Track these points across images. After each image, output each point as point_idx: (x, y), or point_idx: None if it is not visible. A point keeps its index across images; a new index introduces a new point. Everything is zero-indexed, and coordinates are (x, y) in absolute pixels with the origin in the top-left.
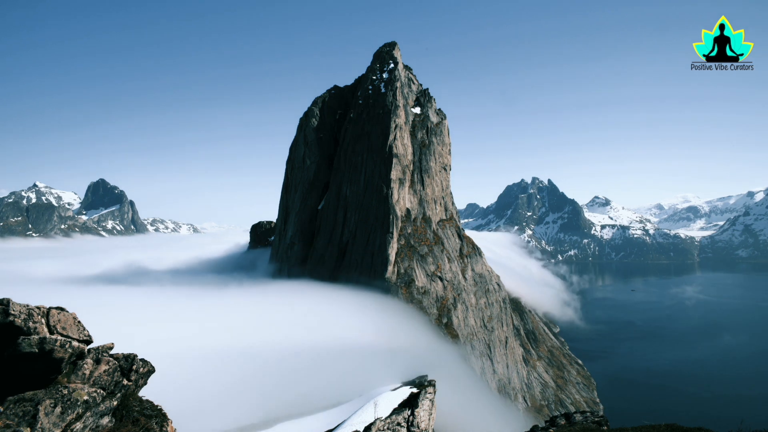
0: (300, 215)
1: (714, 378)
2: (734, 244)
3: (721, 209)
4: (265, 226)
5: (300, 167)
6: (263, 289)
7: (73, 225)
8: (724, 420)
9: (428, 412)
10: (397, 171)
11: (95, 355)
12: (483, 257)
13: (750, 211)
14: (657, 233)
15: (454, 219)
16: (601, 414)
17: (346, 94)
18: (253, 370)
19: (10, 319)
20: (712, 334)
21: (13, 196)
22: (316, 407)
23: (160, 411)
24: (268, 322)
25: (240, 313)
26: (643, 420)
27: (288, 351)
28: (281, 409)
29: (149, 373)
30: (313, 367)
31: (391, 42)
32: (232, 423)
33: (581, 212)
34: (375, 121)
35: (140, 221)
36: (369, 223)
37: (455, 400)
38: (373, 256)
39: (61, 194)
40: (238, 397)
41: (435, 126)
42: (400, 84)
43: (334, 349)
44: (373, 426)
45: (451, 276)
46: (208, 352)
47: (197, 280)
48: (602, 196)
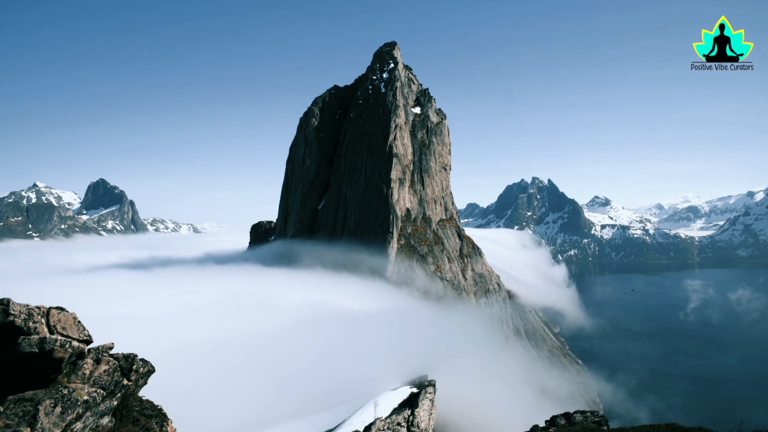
0: (300, 215)
1: (714, 377)
2: (734, 244)
3: (721, 209)
4: (265, 226)
5: (300, 167)
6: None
7: (73, 225)
8: (724, 420)
9: (428, 411)
10: (397, 171)
11: (95, 354)
12: (483, 257)
13: (750, 211)
14: (657, 233)
15: (454, 219)
16: (601, 414)
17: (346, 94)
18: (254, 370)
19: (10, 318)
20: (712, 334)
21: (13, 196)
22: (316, 407)
23: (160, 411)
24: (266, 323)
25: (237, 313)
26: (643, 420)
27: (288, 350)
28: (281, 408)
29: (149, 373)
30: (313, 366)
31: (391, 42)
32: (232, 423)
33: (581, 212)
34: (375, 121)
35: (140, 221)
36: (369, 223)
37: (457, 399)
38: (373, 256)
39: (61, 194)
40: (238, 397)
41: (435, 126)
42: (400, 84)
43: (334, 348)
44: (373, 426)
45: (451, 276)
46: (208, 352)
47: (197, 275)
48: (602, 196)
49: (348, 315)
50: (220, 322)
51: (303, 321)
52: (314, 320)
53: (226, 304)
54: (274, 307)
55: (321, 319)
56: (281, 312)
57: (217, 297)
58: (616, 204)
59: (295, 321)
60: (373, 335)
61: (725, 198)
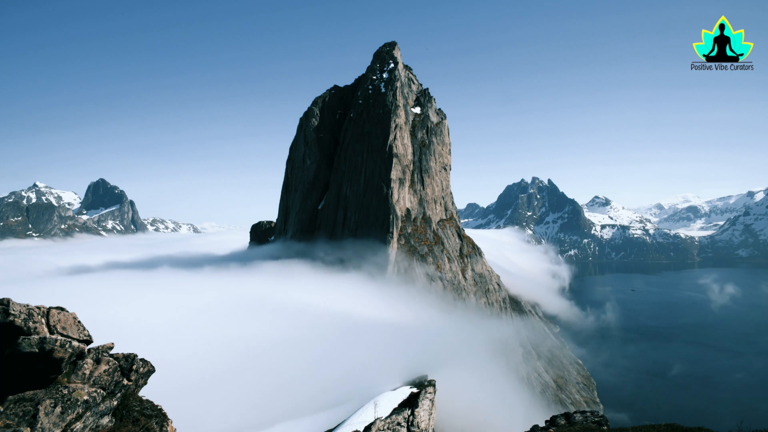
0: (300, 215)
1: (714, 377)
2: (734, 243)
3: (721, 209)
4: (265, 226)
5: (300, 167)
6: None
7: (73, 225)
8: (724, 420)
9: (428, 411)
10: (397, 171)
11: (95, 354)
12: (483, 257)
13: (750, 211)
14: (657, 233)
15: (454, 219)
16: (601, 414)
17: (346, 94)
18: (253, 370)
19: (10, 318)
20: (712, 333)
21: (13, 196)
22: (316, 407)
23: (160, 411)
24: (267, 322)
25: (238, 313)
26: (643, 420)
27: (288, 351)
28: (281, 408)
29: (149, 373)
30: (313, 366)
31: (391, 42)
32: (232, 422)
33: (581, 212)
34: (375, 121)
35: (140, 221)
36: (369, 223)
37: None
38: (373, 256)
39: (61, 194)
40: (238, 397)
41: (435, 126)
42: (400, 84)
43: (334, 348)
44: (373, 426)
45: (451, 276)
46: (208, 352)
47: (197, 275)
48: (602, 196)
49: (348, 315)
50: (221, 323)
51: (303, 321)
52: (314, 321)
53: (227, 305)
54: (274, 308)
55: (321, 319)
56: (281, 312)
57: (217, 297)
58: (616, 204)
59: (294, 321)
60: (373, 335)
61: (725, 198)
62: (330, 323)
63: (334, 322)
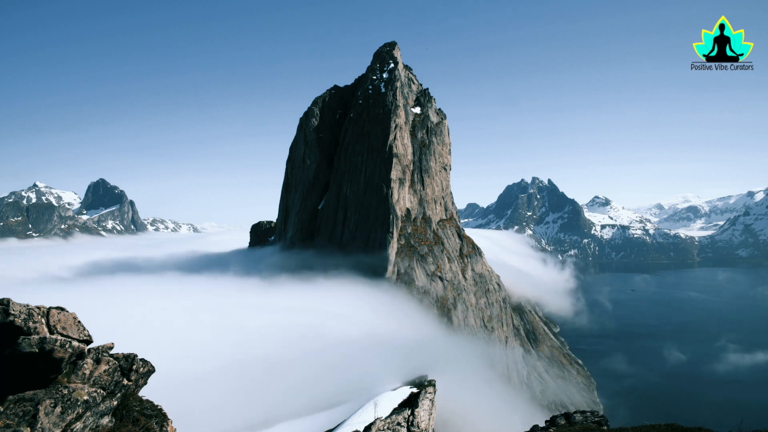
0: (300, 215)
1: (714, 377)
2: (734, 243)
3: (721, 209)
4: (265, 226)
5: (300, 167)
6: (264, 285)
7: (73, 225)
8: (724, 420)
9: (428, 411)
10: (397, 171)
11: (95, 354)
12: (483, 257)
13: (750, 211)
14: (657, 233)
15: (454, 219)
16: (601, 414)
17: (346, 94)
18: (253, 370)
19: (10, 318)
20: (712, 333)
21: (13, 196)
22: (316, 407)
23: (160, 411)
24: (266, 321)
25: (238, 313)
26: (643, 420)
27: (288, 350)
28: (281, 408)
29: (149, 373)
30: (313, 366)
31: (391, 42)
32: (232, 423)
33: (581, 212)
34: (375, 121)
35: (140, 221)
36: (369, 223)
37: (458, 398)
38: (373, 256)
39: (61, 194)
40: (237, 397)
41: (435, 126)
42: (400, 84)
43: (334, 349)
44: (373, 426)
45: (451, 276)
46: (208, 352)
47: (198, 275)
48: (602, 196)
49: (348, 315)
50: (220, 323)
51: (303, 322)
52: (314, 321)
53: (227, 305)
54: (274, 309)
55: (320, 319)
56: (281, 313)
57: (217, 298)
58: (616, 204)
59: (294, 322)
60: (373, 336)
61: (725, 198)
62: (330, 324)
63: (333, 322)
